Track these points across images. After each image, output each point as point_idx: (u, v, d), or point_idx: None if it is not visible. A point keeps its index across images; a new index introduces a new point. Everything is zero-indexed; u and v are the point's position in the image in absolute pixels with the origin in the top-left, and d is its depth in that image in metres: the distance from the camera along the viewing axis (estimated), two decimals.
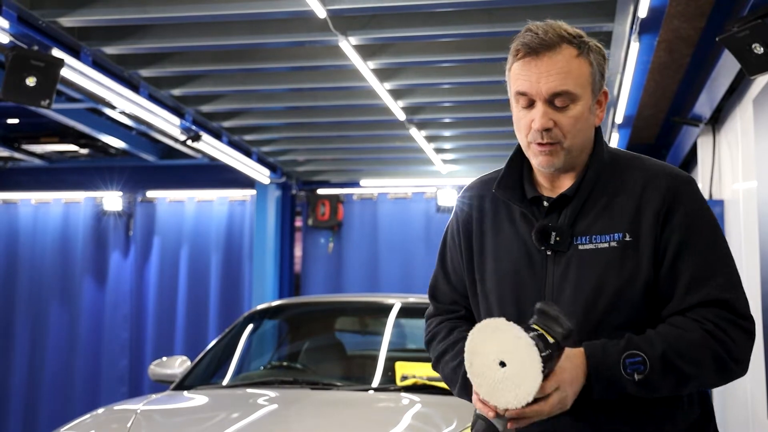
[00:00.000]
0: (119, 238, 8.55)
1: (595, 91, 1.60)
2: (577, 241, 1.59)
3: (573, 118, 1.56)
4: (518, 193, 1.67)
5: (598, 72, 1.60)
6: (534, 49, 1.55)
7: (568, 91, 1.55)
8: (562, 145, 1.57)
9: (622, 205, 1.59)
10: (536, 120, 1.56)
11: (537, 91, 1.55)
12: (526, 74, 1.56)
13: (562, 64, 1.55)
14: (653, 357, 1.47)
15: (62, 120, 6.11)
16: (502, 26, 4.17)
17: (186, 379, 3.89)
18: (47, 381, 8.34)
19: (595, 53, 1.60)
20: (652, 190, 1.58)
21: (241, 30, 4.36)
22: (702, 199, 1.62)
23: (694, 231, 1.56)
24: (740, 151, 4.78)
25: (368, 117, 6.10)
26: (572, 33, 1.59)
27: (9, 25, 3.82)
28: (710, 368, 1.50)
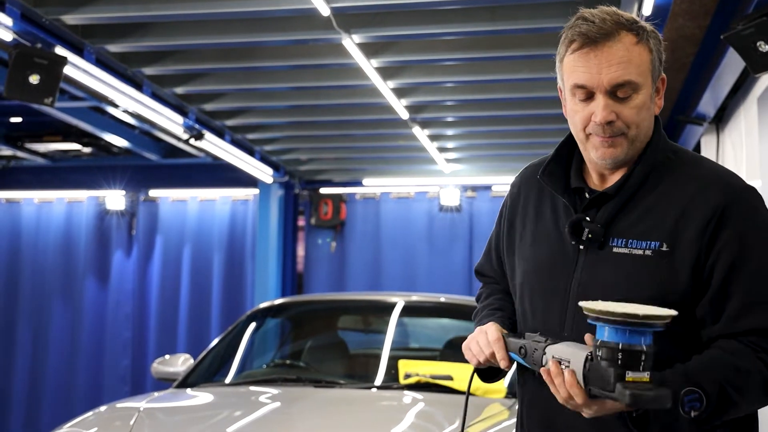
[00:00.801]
0: (122, 237, 8.55)
1: (655, 78, 1.53)
2: (612, 242, 1.52)
3: (636, 108, 1.50)
4: (562, 183, 1.61)
5: (657, 58, 1.53)
6: (592, 38, 1.48)
7: (631, 81, 1.48)
8: (627, 135, 1.51)
9: (665, 211, 1.50)
10: (597, 113, 1.49)
11: (598, 83, 1.48)
12: (584, 66, 1.49)
13: (623, 53, 1.48)
14: (711, 394, 1.38)
15: (65, 119, 6.11)
16: (505, 24, 4.16)
17: (189, 377, 3.89)
18: (49, 380, 8.34)
19: (653, 38, 1.53)
20: (702, 200, 1.48)
21: (245, 28, 4.35)
22: (759, 213, 1.50)
23: (748, 250, 1.45)
24: (744, 150, 4.76)
25: (371, 116, 6.10)
26: (629, 18, 1.51)
27: (12, 23, 3.82)
28: (763, 399, 1.45)
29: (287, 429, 2.89)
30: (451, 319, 4.73)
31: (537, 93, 5.44)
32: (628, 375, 1.30)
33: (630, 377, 1.30)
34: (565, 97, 1.59)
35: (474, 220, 8.11)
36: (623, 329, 1.31)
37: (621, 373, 1.30)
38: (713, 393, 1.39)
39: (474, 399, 3.27)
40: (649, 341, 1.32)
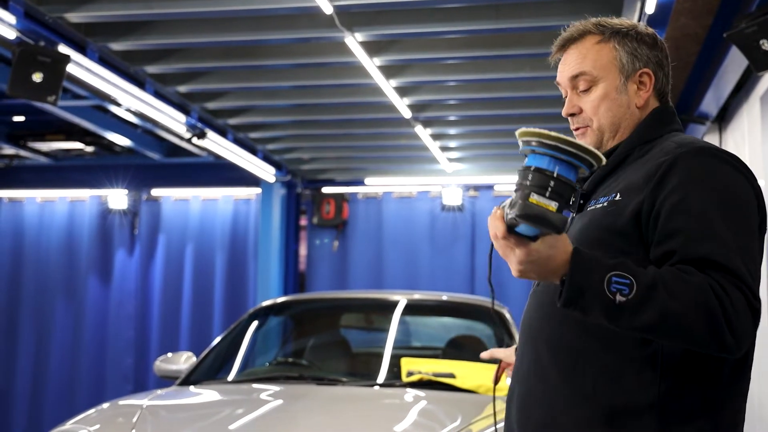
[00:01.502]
0: (124, 237, 8.56)
1: (626, 72, 1.62)
2: (589, 204, 1.62)
3: (596, 100, 1.63)
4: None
5: (630, 55, 1.62)
6: (560, 44, 1.68)
7: (584, 72, 1.63)
8: (591, 127, 1.65)
9: (632, 174, 1.54)
10: (564, 108, 1.68)
11: (562, 80, 1.67)
12: (559, 66, 1.69)
13: (580, 51, 1.65)
14: (643, 283, 1.32)
15: (68, 117, 6.11)
16: (508, 23, 4.16)
17: (192, 374, 3.89)
18: (52, 378, 8.35)
19: (628, 39, 1.63)
20: (657, 158, 1.51)
21: (248, 26, 4.36)
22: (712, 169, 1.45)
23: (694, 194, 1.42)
24: (747, 148, 4.76)
25: (374, 114, 6.10)
26: (605, 23, 1.66)
27: (16, 21, 3.83)
28: (699, 319, 1.31)
29: (290, 426, 2.89)
30: (453, 317, 4.74)
31: (540, 92, 5.43)
32: (531, 197, 1.28)
33: (533, 199, 1.28)
34: None
35: (476, 219, 8.11)
36: (541, 155, 1.31)
37: (526, 193, 1.29)
38: (645, 285, 1.31)
39: (476, 397, 3.27)
40: (564, 172, 1.29)
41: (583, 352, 1.48)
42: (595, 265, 1.35)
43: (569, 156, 1.30)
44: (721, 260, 1.36)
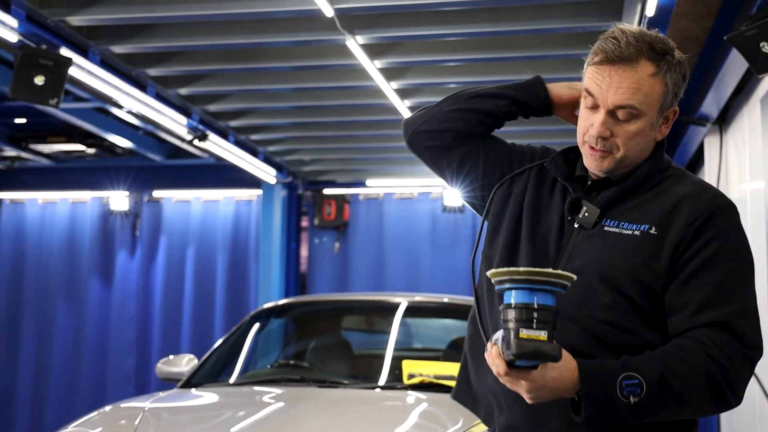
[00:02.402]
0: (126, 238, 8.57)
1: (664, 109, 1.62)
2: (605, 223, 1.62)
3: (631, 133, 1.59)
4: (567, 171, 1.72)
5: (672, 92, 1.61)
6: (611, 59, 1.57)
7: (633, 106, 1.57)
8: (614, 154, 1.61)
9: (660, 204, 1.60)
10: (594, 126, 1.60)
11: (603, 99, 1.58)
12: (598, 79, 1.59)
13: (634, 80, 1.56)
14: (651, 379, 1.43)
15: (69, 120, 6.13)
16: (508, 25, 4.17)
17: (193, 377, 3.90)
18: (54, 380, 8.36)
19: (674, 72, 1.60)
20: (691, 203, 1.59)
21: (249, 29, 4.37)
22: (739, 228, 1.61)
23: (720, 255, 1.55)
24: (747, 151, 4.76)
25: (374, 116, 6.11)
26: (657, 49, 1.58)
27: (18, 24, 3.84)
28: (706, 393, 1.47)
29: (292, 429, 2.90)
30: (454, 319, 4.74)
31: None
32: (522, 332, 1.34)
33: (523, 334, 1.34)
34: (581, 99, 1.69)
35: (477, 220, 8.08)
36: (517, 290, 1.37)
37: (515, 330, 1.35)
38: (653, 380, 1.43)
39: None
40: (543, 300, 1.36)
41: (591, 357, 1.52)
42: (604, 376, 1.44)
43: (543, 285, 1.37)
44: (732, 325, 1.50)
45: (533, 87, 1.85)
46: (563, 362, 1.41)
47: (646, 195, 1.63)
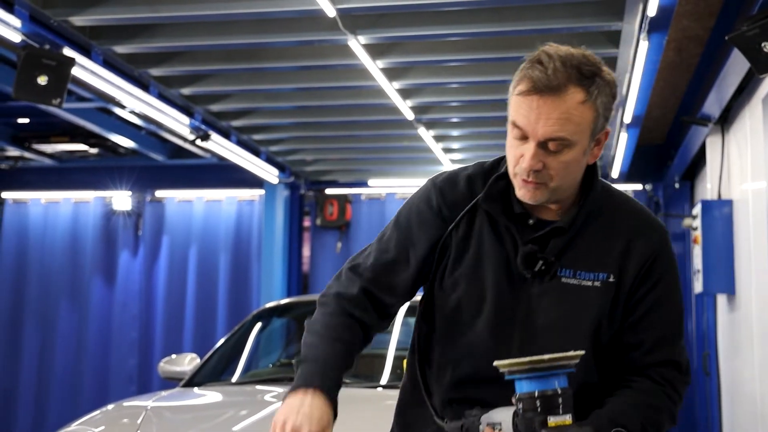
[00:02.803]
0: (128, 238, 8.58)
1: (595, 133, 1.55)
2: (561, 272, 1.60)
3: (564, 163, 1.53)
4: (504, 207, 1.63)
5: (603, 116, 1.55)
6: (539, 89, 1.48)
7: (564, 138, 1.50)
8: (548, 185, 1.54)
9: (611, 246, 1.61)
10: (525, 159, 1.51)
11: (533, 132, 1.50)
12: (526, 111, 1.50)
13: (563, 110, 1.48)
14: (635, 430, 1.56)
15: (72, 119, 6.15)
16: (510, 25, 4.18)
17: (195, 376, 3.91)
18: (56, 379, 8.38)
19: (604, 95, 1.53)
20: (643, 240, 1.62)
21: (251, 29, 4.38)
22: (674, 258, 1.70)
23: (666, 293, 1.65)
24: (749, 150, 4.77)
25: (376, 116, 6.12)
26: (586, 72, 1.50)
27: (21, 24, 3.85)
28: (667, 426, 1.65)
29: None
30: None
31: None
32: (549, 420, 1.36)
33: (552, 422, 1.36)
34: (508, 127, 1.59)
35: None
36: (535, 377, 1.37)
37: (543, 420, 1.36)
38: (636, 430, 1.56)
39: None
40: (563, 383, 1.38)
41: None
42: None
43: (562, 368, 1.39)
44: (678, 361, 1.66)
45: None
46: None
47: (596, 234, 1.61)
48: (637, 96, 4.96)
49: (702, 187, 6.65)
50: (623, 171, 7.13)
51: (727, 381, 5.76)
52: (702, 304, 6.53)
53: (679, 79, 5.62)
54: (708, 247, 5.41)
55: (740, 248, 5.17)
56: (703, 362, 6.36)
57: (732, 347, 5.53)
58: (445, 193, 1.68)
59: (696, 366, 6.96)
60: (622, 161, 6.77)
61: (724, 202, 5.40)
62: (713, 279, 5.39)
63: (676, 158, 6.72)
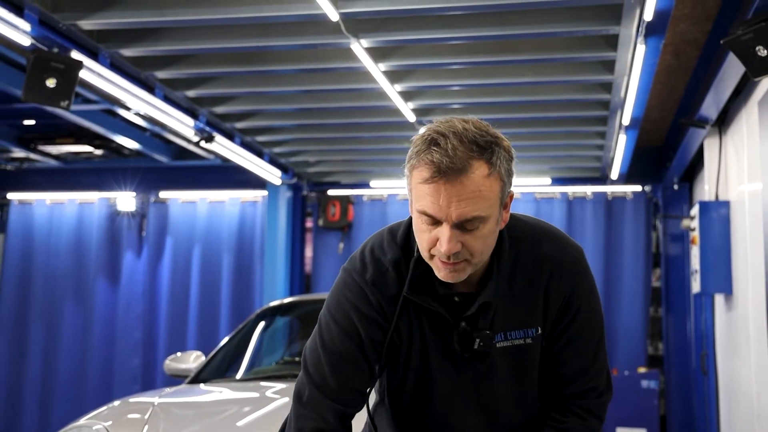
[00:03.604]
0: (132, 239, 8.65)
1: (503, 203, 1.55)
2: (496, 339, 1.66)
3: (481, 238, 1.51)
4: (429, 293, 1.64)
5: (508, 182, 1.54)
6: (443, 172, 1.45)
7: (479, 216, 1.49)
8: (470, 261, 1.54)
9: (533, 302, 1.67)
10: (443, 243, 1.49)
11: (446, 216, 1.47)
12: (433, 197, 1.47)
13: (472, 189, 1.46)
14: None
15: (78, 121, 6.21)
16: (511, 29, 4.24)
17: (201, 373, 3.99)
18: (61, 379, 8.45)
19: (505, 161, 1.53)
20: (558, 281, 1.67)
21: (256, 32, 4.44)
22: (590, 282, 1.73)
23: (584, 320, 1.71)
24: (746, 152, 4.83)
25: (378, 118, 6.18)
26: (483, 143, 1.49)
27: (30, 28, 3.92)
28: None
29: None
30: None
31: (542, 96, 5.52)
32: None
33: None
34: (413, 210, 1.56)
35: None
36: None
37: None
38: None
39: None
40: None
41: None
42: None
43: None
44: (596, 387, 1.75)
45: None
46: None
47: (516, 296, 1.66)
48: (635, 98, 5.02)
49: (700, 189, 6.71)
50: (622, 172, 7.20)
51: (725, 380, 5.80)
52: (700, 304, 6.58)
53: (677, 82, 5.68)
54: (706, 248, 5.46)
55: (737, 249, 5.22)
56: (701, 362, 6.41)
57: (729, 347, 5.58)
58: (381, 288, 1.65)
59: (694, 365, 7.02)
60: (621, 163, 6.83)
61: (721, 204, 5.46)
62: (711, 279, 5.44)
63: (674, 160, 6.77)
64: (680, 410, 7.46)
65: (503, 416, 1.74)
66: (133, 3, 4.13)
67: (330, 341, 1.67)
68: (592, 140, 6.67)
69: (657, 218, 7.87)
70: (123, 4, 4.12)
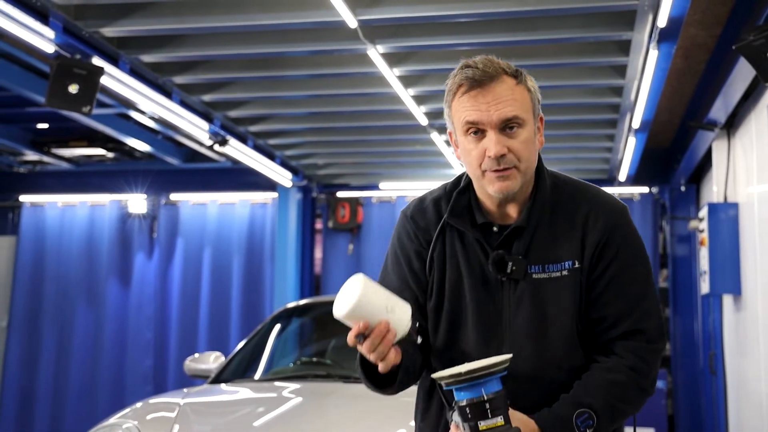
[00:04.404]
0: (143, 240, 8.71)
1: (536, 115, 1.72)
2: (531, 269, 1.72)
3: (524, 143, 1.67)
4: (468, 219, 1.77)
5: (536, 97, 1.72)
6: (479, 81, 1.65)
7: (517, 116, 1.66)
8: (518, 168, 1.68)
9: (571, 236, 1.73)
10: (491, 147, 1.65)
11: (488, 120, 1.64)
12: (474, 105, 1.66)
13: (508, 92, 1.66)
14: (598, 410, 1.65)
15: (91, 124, 6.26)
16: (524, 35, 4.31)
17: (222, 373, 4.06)
18: (74, 379, 8.50)
19: (530, 80, 1.73)
20: (594, 223, 1.73)
21: (274, 39, 4.52)
22: (634, 231, 1.78)
23: (623, 269, 1.73)
24: (755, 154, 4.89)
25: (391, 122, 6.25)
26: (505, 65, 1.70)
27: (54, 36, 4.00)
28: (638, 400, 1.72)
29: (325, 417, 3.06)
30: None
31: (552, 99, 5.58)
32: (480, 425, 1.50)
33: (483, 426, 1.51)
34: (457, 140, 1.73)
35: None
36: (465, 387, 1.51)
37: (474, 425, 1.51)
38: (601, 408, 1.66)
39: None
40: (492, 389, 1.52)
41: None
42: (561, 423, 1.63)
43: (486, 377, 1.52)
44: (641, 329, 1.72)
45: None
46: (523, 426, 1.58)
47: (554, 226, 1.73)
48: (645, 102, 5.08)
49: (707, 190, 6.77)
50: (630, 174, 7.26)
51: (734, 380, 5.86)
52: (708, 305, 6.64)
53: (686, 85, 5.75)
54: (714, 249, 5.51)
55: (746, 250, 5.28)
56: (710, 362, 6.47)
57: (738, 347, 5.64)
58: (417, 221, 1.83)
59: (702, 365, 7.09)
60: (630, 165, 6.90)
61: (730, 205, 5.51)
62: (720, 280, 5.49)
63: (682, 162, 6.83)
64: (688, 410, 7.52)
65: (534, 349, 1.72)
66: (153, 10, 4.21)
67: (384, 269, 1.88)
68: (601, 142, 6.74)
69: (664, 219, 7.94)
70: (144, 11, 4.20)
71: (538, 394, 1.68)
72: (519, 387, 1.66)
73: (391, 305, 1.56)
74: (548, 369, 1.71)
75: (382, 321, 1.54)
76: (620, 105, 5.46)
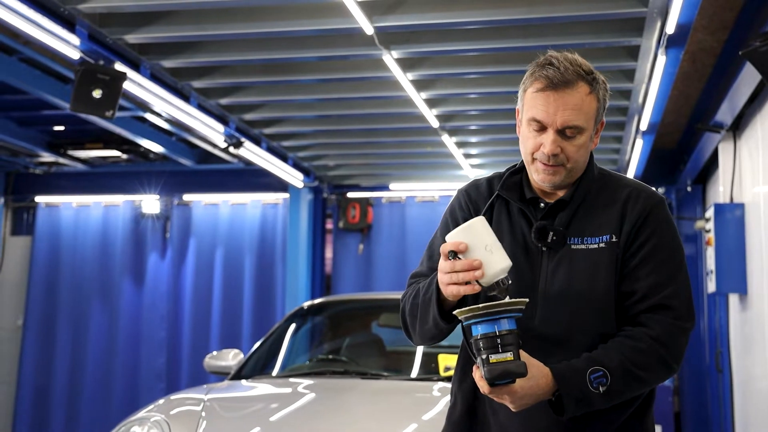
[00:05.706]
0: (157, 240, 8.82)
1: (597, 122, 1.85)
2: (570, 241, 1.84)
3: (577, 147, 1.81)
4: (518, 194, 1.91)
5: (602, 106, 1.85)
6: (554, 83, 1.77)
7: (578, 126, 1.79)
8: (565, 167, 1.82)
9: (610, 213, 1.85)
10: (546, 145, 1.79)
11: (552, 122, 1.78)
12: (543, 104, 1.78)
13: (577, 101, 1.78)
14: (613, 370, 1.71)
15: (106, 126, 6.37)
16: (534, 41, 4.41)
17: (242, 370, 4.18)
18: (88, 377, 8.62)
19: (602, 89, 1.84)
20: (633, 204, 1.85)
21: (290, 45, 4.64)
22: (669, 221, 1.88)
23: (656, 249, 1.83)
24: (761, 156, 4.96)
25: (403, 124, 6.37)
26: (586, 70, 1.81)
27: (80, 42, 4.12)
28: (658, 371, 1.78)
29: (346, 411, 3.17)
30: None
31: None
32: (491, 357, 1.61)
33: (494, 359, 1.61)
34: (522, 120, 1.87)
35: None
36: (481, 322, 1.63)
37: (485, 358, 1.62)
38: (615, 368, 1.72)
39: None
40: (505, 326, 1.63)
41: None
42: (575, 375, 1.70)
43: (501, 314, 1.63)
44: (668, 305, 1.80)
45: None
46: (537, 371, 1.67)
47: (595, 205, 1.86)
48: (653, 105, 5.17)
49: (713, 191, 6.85)
50: (638, 175, 7.35)
51: (740, 378, 5.93)
52: (714, 304, 6.72)
53: (693, 88, 5.84)
54: (720, 249, 5.59)
55: (752, 249, 5.35)
56: (716, 360, 6.54)
57: (744, 345, 5.71)
58: (470, 194, 1.99)
59: (708, 363, 7.17)
60: (637, 165, 6.99)
61: (736, 206, 5.59)
62: (726, 279, 5.56)
63: (688, 163, 6.92)
64: (695, 407, 7.60)
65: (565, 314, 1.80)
66: (173, 18, 4.33)
67: (433, 237, 2.04)
68: (609, 144, 6.84)
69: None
70: (165, 19, 4.33)
71: (566, 358, 1.76)
72: (548, 349, 1.76)
73: (493, 248, 1.69)
74: (577, 334, 1.79)
75: (477, 258, 1.68)
76: (628, 108, 5.56)
